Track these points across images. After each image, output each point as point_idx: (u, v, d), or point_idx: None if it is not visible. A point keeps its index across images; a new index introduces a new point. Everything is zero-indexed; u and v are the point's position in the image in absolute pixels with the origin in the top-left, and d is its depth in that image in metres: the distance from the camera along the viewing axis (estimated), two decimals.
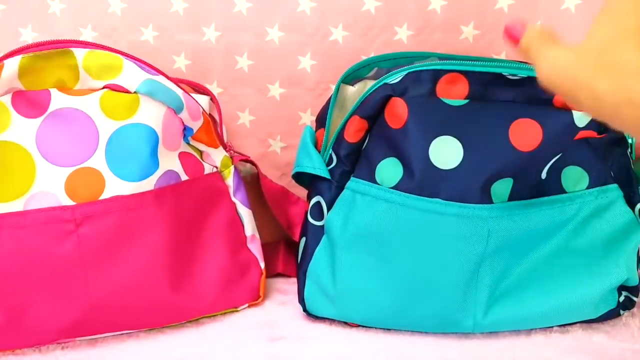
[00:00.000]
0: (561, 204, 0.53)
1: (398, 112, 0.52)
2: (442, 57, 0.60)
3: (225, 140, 0.61)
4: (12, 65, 0.50)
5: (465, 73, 0.52)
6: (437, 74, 0.52)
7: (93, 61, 0.52)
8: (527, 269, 0.54)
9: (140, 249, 0.52)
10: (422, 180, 0.51)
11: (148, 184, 0.52)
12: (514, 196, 0.52)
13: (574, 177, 0.54)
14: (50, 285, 0.50)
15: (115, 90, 0.52)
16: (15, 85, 0.51)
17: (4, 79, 0.50)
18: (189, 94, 0.56)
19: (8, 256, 0.49)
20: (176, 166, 0.55)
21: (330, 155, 0.56)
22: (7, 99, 0.51)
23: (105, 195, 0.51)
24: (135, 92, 0.52)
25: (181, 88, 0.55)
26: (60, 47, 0.52)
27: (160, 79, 0.53)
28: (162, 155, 0.53)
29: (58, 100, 0.52)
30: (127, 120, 0.52)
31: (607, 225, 0.54)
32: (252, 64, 0.67)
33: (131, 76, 0.52)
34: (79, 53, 0.52)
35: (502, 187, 0.51)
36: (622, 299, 0.56)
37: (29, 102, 0.51)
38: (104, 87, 0.53)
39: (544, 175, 0.52)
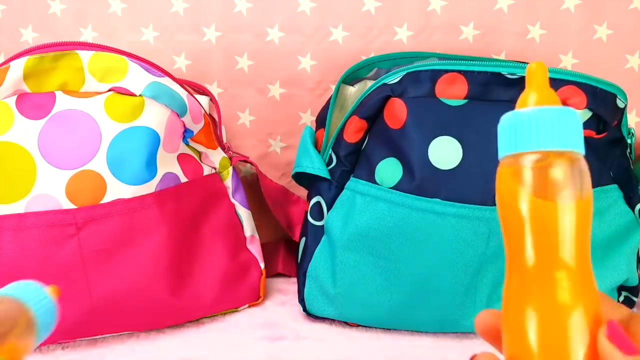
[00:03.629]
0: None
1: (397, 112, 0.52)
2: (442, 57, 0.60)
3: (225, 141, 0.61)
4: (18, 66, 0.51)
5: (464, 73, 0.52)
6: (436, 74, 0.52)
7: (98, 64, 0.52)
8: None
9: (141, 251, 0.52)
10: (421, 180, 0.51)
11: (149, 187, 0.52)
12: None
13: None
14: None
15: (121, 93, 0.52)
16: (21, 87, 0.51)
17: (10, 81, 0.50)
18: (193, 95, 0.56)
19: (9, 257, 0.49)
20: (175, 168, 0.55)
21: (330, 155, 0.56)
22: (11, 100, 0.51)
23: (107, 199, 0.51)
24: (140, 95, 0.52)
25: (185, 89, 0.55)
26: (66, 49, 0.52)
27: (166, 80, 0.53)
28: (162, 157, 0.53)
29: (62, 102, 0.52)
30: (131, 123, 0.52)
31: (607, 225, 0.54)
32: (252, 64, 0.67)
33: (136, 79, 0.52)
34: (85, 55, 0.52)
35: None
36: (621, 299, 0.56)
37: (33, 104, 0.51)
38: (109, 90, 0.53)
39: None
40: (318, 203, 0.57)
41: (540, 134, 0.27)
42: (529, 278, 0.28)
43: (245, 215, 0.60)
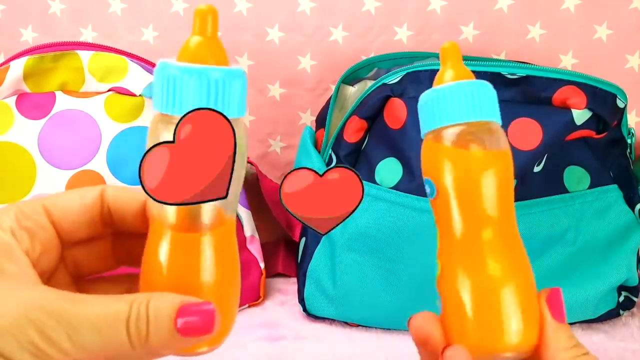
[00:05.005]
0: (563, 203, 0.53)
1: (397, 112, 0.52)
2: None
3: None
4: (18, 66, 0.51)
5: None
6: (435, 74, 0.52)
7: (98, 63, 0.52)
8: None
9: None
10: (421, 180, 0.51)
11: None
12: (516, 197, 0.52)
13: (576, 176, 0.54)
14: None
15: (121, 93, 0.52)
16: (21, 87, 0.51)
17: (10, 80, 0.50)
18: None
19: None
20: None
21: (330, 155, 0.56)
22: (11, 100, 0.51)
23: None
24: (140, 95, 0.52)
25: None
26: (65, 49, 0.52)
27: None
28: None
29: (62, 102, 0.52)
30: (131, 123, 0.52)
31: (607, 225, 0.54)
32: (252, 64, 0.67)
33: (136, 79, 0.52)
34: (85, 55, 0.52)
35: None
36: (621, 299, 0.56)
37: (34, 103, 0.51)
38: (109, 90, 0.53)
39: (536, 169, 0.52)
40: None
41: (458, 107, 0.29)
42: (458, 243, 0.30)
43: (245, 215, 0.60)
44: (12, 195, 0.50)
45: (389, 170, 0.53)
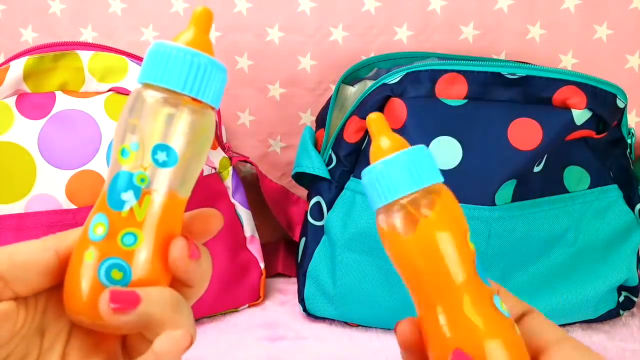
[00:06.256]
0: (563, 203, 0.53)
1: (397, 112, 0.52)
2: (442, 57, 0.60)
3: (225, 141, 0.61)
4: (18, 66, 0.51)
5: (464, 73, 0.52)
6: (435, 74, 0.52)
7: (98, 64, 0.52)
8: (527, 270, 0.54)
9: None
10: None
11: None
12: (516, 197, 0.52)
13: (576, 176, 0.54)
14: None
15: (121, 93, 0.52)
16: (21, 87, 0.51)
17: (10, 80, 0.50)
18: None
19: None
20: None
21: (330, 155, 0.56)
22: (11, 101, 0.51)
23: None
24: None
25: None
26: (66, 49, 0.52)
27: None
28: None
29: (62, 102, 0.52)
30: None
31: (607, 225, 0.54)
32: (252, 64, 0.67)
33: (137, 79, 0.52)
34: (85, 55, 0.52)
35: (506, 189, 0.51)
36: (621, 299, 0.56)
37: (34, 103, 0.51)
38: (109, 90, 0.53)
39: (536, 169, 0.52)
40: (318, 203, 0.57)
41: (393, 183, 0.28)
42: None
43: (245, 215, 0.60)
44: (12, 196, 0.50)
45: None
